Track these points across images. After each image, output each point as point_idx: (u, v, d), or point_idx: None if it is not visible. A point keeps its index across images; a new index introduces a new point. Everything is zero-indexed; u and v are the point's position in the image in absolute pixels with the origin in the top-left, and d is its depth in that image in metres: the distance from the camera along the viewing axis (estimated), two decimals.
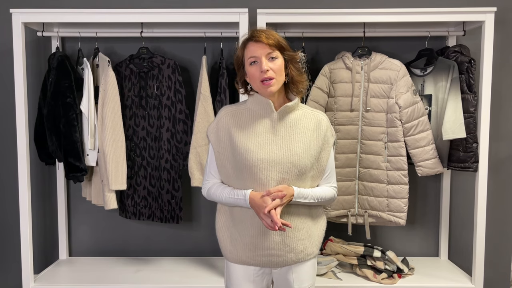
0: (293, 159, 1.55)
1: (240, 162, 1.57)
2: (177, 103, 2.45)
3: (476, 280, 2.35)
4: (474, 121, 2.33)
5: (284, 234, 1.59)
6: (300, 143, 1.58)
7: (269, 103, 1.58)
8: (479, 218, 2.32)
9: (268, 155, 1.55)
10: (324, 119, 1.67)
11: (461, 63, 2.33)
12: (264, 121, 1.60)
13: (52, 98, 2.39)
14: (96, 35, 2.51)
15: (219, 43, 2.55)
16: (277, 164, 1.55)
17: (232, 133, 1.60)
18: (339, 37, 2.54)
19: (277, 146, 1.57)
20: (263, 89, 1.55)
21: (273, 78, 1.52)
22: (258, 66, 1.53)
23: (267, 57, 1.53)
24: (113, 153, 2.38)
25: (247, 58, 1.55)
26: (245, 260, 1.63)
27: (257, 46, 1.53)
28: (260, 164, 1.54)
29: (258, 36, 1.53)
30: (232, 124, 1.62)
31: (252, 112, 1.62)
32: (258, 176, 1.55)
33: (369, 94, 2.38)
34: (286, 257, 1.61)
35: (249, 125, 1.60)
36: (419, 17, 2.25)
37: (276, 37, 1.55)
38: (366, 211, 2.48)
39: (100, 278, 2.45)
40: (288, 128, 1.59)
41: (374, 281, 2.39)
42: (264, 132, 1.59)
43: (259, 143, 1.57)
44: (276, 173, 1.55)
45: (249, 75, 1.57)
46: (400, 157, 2.38)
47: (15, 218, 2.71)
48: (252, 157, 1.55)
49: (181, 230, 2.77)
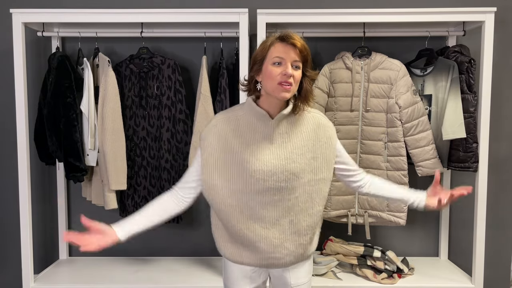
0: (290, 167, 1.52)
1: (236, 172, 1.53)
2: (177, 103, 2.45)
3: (476, 280, 2.35)
4: (474, 121, 2.33)
5: (285, 238, 1.57)
6: (296, 149, 1.55)
7: (265, 114, 1.53)
8: (479, 218, 2.32)
9: (265, 166, 1.51)
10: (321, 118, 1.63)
11: (461, 63, 2.33)
12: (260, 130, 1.55)
13: (52, 98, 2.39)
14: (96, 35, 2.51)
15: (219, 43, 2.55)
16: (274, 174, 1.51)
17: (227, 141, 1.55)
18: (339, 37, 2.55)
19: (273, 155, 1.53)
20: (277, 92, 1.47)
21: (291, 85, 1.46)
22: (281, 68, 1.46)
23: (293, 64, 1.47)
24: (113, 153, 2.38)
25: (272, 57, 1.47)
26: (244, 261, 1.62)
27: (287, 48, 1.46)
28: (257, 175, 1.51)
29: (292, 39, 1.46)
30: (228, 132, 1.56)
31: (248, 120, 1.57)
32: (255, 186, 1.52)
33: (369, 94, 2.38)
34: (286, 259, 1.60)
35: (245, 134, 1.55)
36: (419, 17, 2.25)
37: (307, 49, 1.50)
38: (366, 211, 2.48)
39: (100, 278, 2.45)
40: (284, 134, 1.56)
41: (374, 281, 2.39)
42: (260, 141, 1.54)
43: (256, 153, 1.53)
44: (273, 182, 1.52)
45: (266, 74, 1.48)
46: (400, 157, 2.38)
47: (15, 218, 2.72)
48: (250, 168, 1.51)
49: (181, 230, 2.77)
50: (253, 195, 1.53)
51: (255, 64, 1.52)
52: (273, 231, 1.56)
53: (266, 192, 1.52)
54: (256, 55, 1.52)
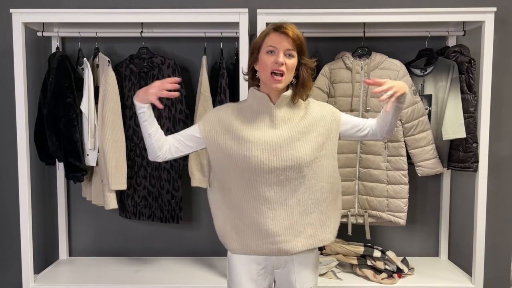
0: (294, 146, 1.55)
1: (239, 154, 1.56)
2: (177, 103, 2.45)
3: (476, 280, 2.35)
4: (474, 121, 2.33)
5: (293, 219, 1.58)
6: (299, 133, 1.57)
7: (265, 96, 1.58)
8: (479, 218, 2.32)
9: (269, 146, 1.54)
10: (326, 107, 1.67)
11: (461, 63, 2.33)
12: (263, 114, 1.60)
13: (52, 98, 2.39)
14: (96, 35, 2.51)
15: (219, 43, 2.55)
16: (278, 153, 1.54)
17: (231, 124, 1.60)
18: (339, 37, 2.54)
19: (276, 136, 1.56)
20: (270, 82, 1.55)
21: (283, 74, 1.53)
22: (273, 56, 1.53)
23: (285, 52, 1.53)
24: (113, 153, 2.38)
25: (266, 46, 1.55)
26: (254, 249, 1.60)
27: (280, 38, 1.53)
28: (261, 155, 1.53)
29: (285, 29, 1.53)
30: (232, 116, 1.62)
31: (251, 107, 1.62)
32: (260, 167, 1.53)
33: (369, 94, 2.38)
34: (296, 242, 1.58)
35: (248, 119, 1.60)
36: (419, 17, 2.25)
37: (301, 38, 1.56)
38: (366, 211, 2.48)
39: (100, 278, 2.45)
40: (287, 119, 1.59)
41: (374, 281, 2.39)
42: (263, 125, 1.58)
43: (259, 136, 1.56)
44: (278, 161, 1.53)
45: (261, 63, 1.56)
46: (400, 157, 2.38)
47: (15, 218, 2.72)
48: (253, 149, 1.54)
49: (181, 230, 2.77)
50: (259, 176, 1.55)
51: (253, 53, 1.60)
52: (281, 212, 1.57)
53: (272, 172, 1.54)
54: (254, 44, 1.60)
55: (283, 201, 1.57)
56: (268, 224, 1.57)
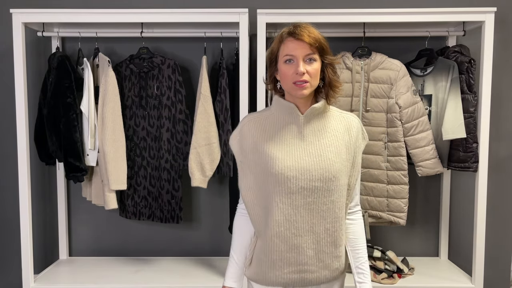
0: (324, 164, 1.41)
1: (265, 172, 1.44)
2: (177, 103, 2.45)
3: (476, 280, 2.35)
4: (474, 121, 2.33)
5: (319, 249, 1.43)
6: (330, 147, 1.44)
7: (293, 107, 1.45)
8: (479, 218, 2.32)
9: (297, 162, 1.41)
10: (355, 121, 1.52)
11: (461, 63, 2.33)
12: (290, 126, 1.46)
13: (52, 98, 2.39)
14: (96, 35, 2.51)
15: (219, 43, 2.55)
16: (306, 172, 1.40)
17: (256, 141, 1.48)
18: (339, 37, 2.54)
19: (305, 152, 1.43)
20: (294, 91, 1.41)
21: (307, 82, 1.38)
22: (293, 66, 1.38)
23: (305, 58, 1.38)
24: (113, 153, 2.38)
25: (283, 55, 1.41)
26: (273, 281, 1.46)
27: (296, 44, 1.38)
28: (288, 172, 1.40)
29: (299, 34, 1.38)
30: (256, 131, 1.48)
31: (276, 118, 1.49)
32: (287, 186, 1.40)
33: (369, 94, 2.38)
34: (320, 273, 1.45)
35: (274, 132, 1.47)
36: (419, 17, 2.25)
37: (319, 38, 1.40)
38: (366, 211, 2.48)
39: (100, 278, 2.45)
40: (317, 132, 1.46)
41: (374, 281, 2.39)
42: (291, 138, 1.45)
43: (286, 150, 1.43)
44: (306, 181, 1.40)
45: (281, 74, 1.42)
46: (400, 157, 2.38)
47: (15, 218, 2.71)
48: (279, 165, 1.41)
49: (181, 230, 2.77)
50: (284, 196, 1.42)
51: (271, 63, 1.47)
52: (306, 239, 1.43)
53: (299, 193, 1.41)
54: (270, 54, 1.47)
55: (310, 227, 1.42)
56: (291, 251, 1.43)
